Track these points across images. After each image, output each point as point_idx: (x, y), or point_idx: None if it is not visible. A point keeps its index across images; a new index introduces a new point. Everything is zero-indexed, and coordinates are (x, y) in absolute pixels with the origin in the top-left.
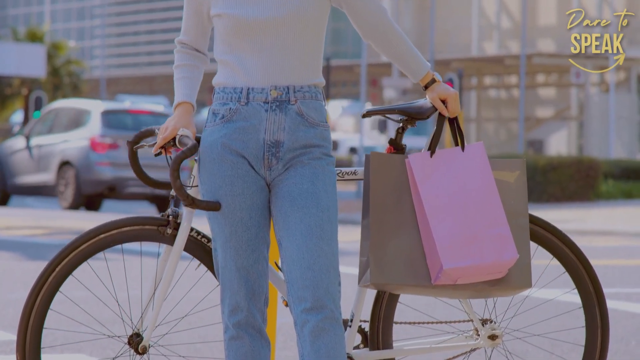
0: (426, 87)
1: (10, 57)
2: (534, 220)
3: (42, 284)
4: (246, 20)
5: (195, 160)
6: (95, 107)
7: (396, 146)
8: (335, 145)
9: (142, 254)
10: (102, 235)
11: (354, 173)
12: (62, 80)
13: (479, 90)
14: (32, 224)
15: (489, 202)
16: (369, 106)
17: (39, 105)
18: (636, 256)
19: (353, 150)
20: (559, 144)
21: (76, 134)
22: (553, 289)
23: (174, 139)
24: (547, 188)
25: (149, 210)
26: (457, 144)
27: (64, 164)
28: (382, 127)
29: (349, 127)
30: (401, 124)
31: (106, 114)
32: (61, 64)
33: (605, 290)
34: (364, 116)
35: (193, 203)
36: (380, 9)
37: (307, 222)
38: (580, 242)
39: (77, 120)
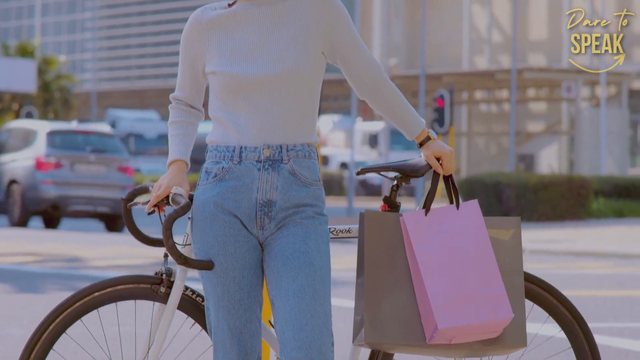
0: (421, 144)
1: (1, 72)
2: (529, 278)
3: (35, 342)
4: (240, 78)
5: (189, 218)
6: (42, 128)
7: (390, 204)
8: (325, 160)
9: (136, 313)
10: (96, 294)
11: (348, 231)
12: (52, 95)
13: (469, 104)
14: (20, 249)
15: (484, 260)
16: (359, 121)
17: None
18: (628, 285)
19: (344, 165)
20: (550, 159)
21: (24, 153)
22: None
23: (167, 197)
24: (538, 207)
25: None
26: (451, 202)
27: (12, 183)
28: (373, 142)
29: (340, 142)
30: (395, 182)
31: (52, 135)
32: (52, 79)
33: (597, 325)
34: (358, 173)
35: (186, 262)
36: (375, 65)
37: (299, 281)
38: (571, 267)
39: (26, 140)
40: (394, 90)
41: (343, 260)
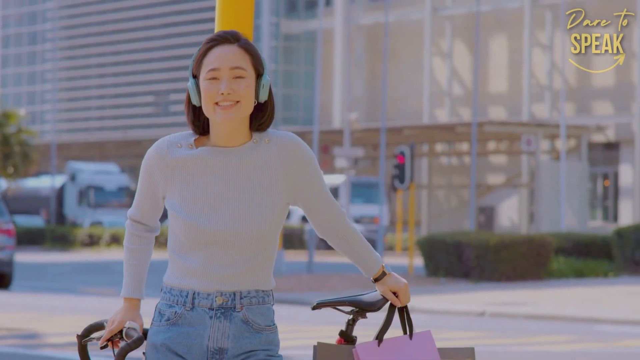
0: (376, 279)
1: None
2: None
3: None
4: (201, 230)
5: (143, 353)
6: None
7: (346, 338)
8: (287, 214)
9: None
10: None
11: None
12: (12, 149)
13: (430, 157)
14: None
15: None
16: None
17: None
18: None
19: (304, 219)
20: (510, 211)
21: None
22: None
23: (121, 331)
24: (498, 267)
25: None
26: (405, 332)
27: None
28: (334, 196)
29: None
30: (352, 316)
31: None
32: (12, 133)
33: None
34: (313, 308)
35: None
36: (338, 213)
37: None
38: (530, 343)
39: None
40: (355, 234)
41: (302, 328)
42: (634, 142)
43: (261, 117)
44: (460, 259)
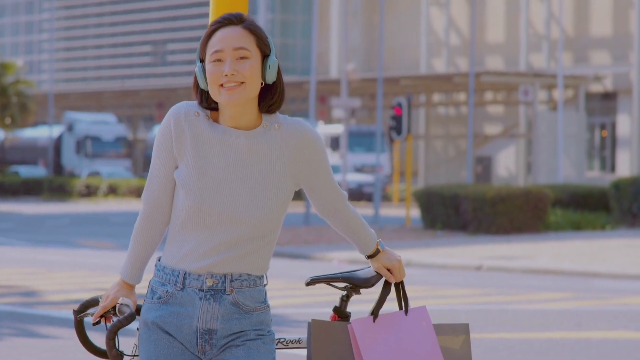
0: (370, 256)
1: None
2: None
3: None
4: (202, 208)
5: (137, 329)
6: None
7: (340, 314)
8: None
9: None
10: None
11: (299, 342)
12: (10, 100)
13: (427, 107)
14: None
15: None
16: (321, 124)
17: None
18: (585, 325)
19: None
20: (508, 161)
21: None
22: None
23: (114, 307)
24: (495, 220)
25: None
26: (400, 308)
27: None
28: (335, 145)
29: None
30: (345, 292)
31: None
32: (9, 84)
33: None
34: (307, 284)
35: None
36: (340, 196)
37: None
38: (528, 301)
39: None
40: (353, 216)
41: (301, 283)
42: (632, 91)
43: (270, 98)
44: (458, 212)
